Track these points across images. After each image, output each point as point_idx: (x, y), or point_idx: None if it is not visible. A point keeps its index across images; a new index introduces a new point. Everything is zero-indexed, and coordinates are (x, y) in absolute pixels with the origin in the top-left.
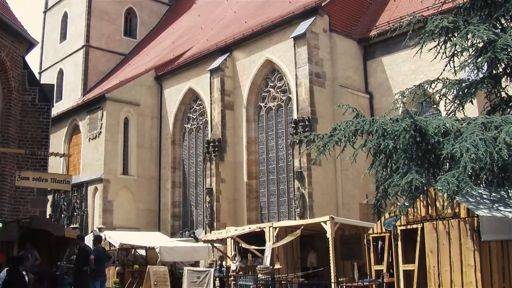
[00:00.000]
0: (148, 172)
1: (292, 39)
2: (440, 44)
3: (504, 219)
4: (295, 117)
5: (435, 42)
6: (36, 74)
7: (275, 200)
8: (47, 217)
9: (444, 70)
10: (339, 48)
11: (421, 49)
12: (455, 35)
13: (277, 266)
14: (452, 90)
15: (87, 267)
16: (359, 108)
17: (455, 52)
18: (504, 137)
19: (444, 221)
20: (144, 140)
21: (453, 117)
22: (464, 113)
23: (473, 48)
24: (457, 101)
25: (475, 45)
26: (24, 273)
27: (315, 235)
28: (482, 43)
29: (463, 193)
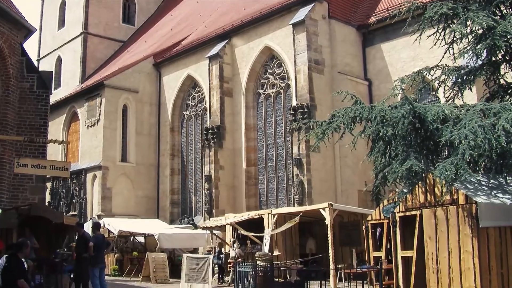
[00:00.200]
0: (147, 159)
1: (291, 25)
2: (439, 31)
3: (502, 206)
4: (294, 104)
5: (434, 29)
6: (34, 62)
7: (274, 187)
8: (46, 204)
9: (443, 57)
10: (338, 35)
11: (420, 35)
12: (454, 21)
13: (276, 252)
14: (451, 77)
15: (87, 254)
16: (358, 95)
17: (454, 39)
18: (503, 124)
19: (443, 207)
20: (142, 127)
21: (452, 104)
22: (463, 100)
23: (472, 35)
24: (456, 88)
25: (474, 32)
26: (23, 259)
27: (314, 221)
28: (482, 30)
29: (461, 180)
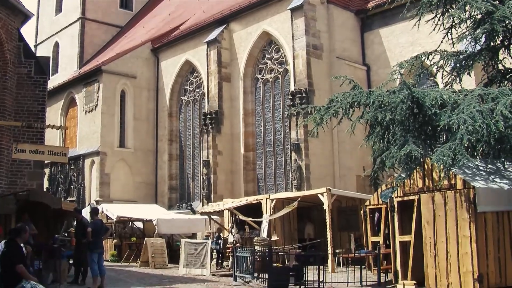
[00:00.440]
0: (145, 144)
1: (289, 10)
2: (438, 16)
3: (500, 191)
4: (292, 89)
5: (433, 14)
6: (32, 47)
7: (272, 172)
8: (44, 190)
9: (441, 42)
10: (336, 20)
11: (419, 21)
12: (453, 6)
13: (274, 238)
14: (449, 62)
15: (85, 239)
16: (356, 80)
17: (453, 24)
18: (501, 109)
19: (441, 192)
20: (140, 113)
21: (450, 89)
22: (461, 85)
23: (471, 20)
24: (454, 73)
25: (473, 17)
26: (22, 245)
27: (312, 207)
28: (480, 14)
29: (459, 165)
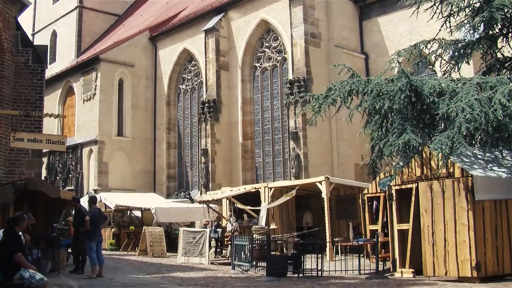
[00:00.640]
0: (143, 133)
1: None
2: (437, 4)
3: (498, 179)
4: (290, 77)
5: (431, 2)
6: (29, 36)
7: (271, 160)
8: (42, 179)
9: (440, 31)
10: (334, 8)
11: (418, 9)
12: None
13: (273, 226)
14: (448, 51)
15: (84, 228)
16: (354, 69)
17: (451, 12)
18: (499, 97)
19: (439, 180)
20: (138, 101)
21: (448, 77)
22: (459, 73)
23: (469, 8)
24: (452, 61)
25: (472, 5)
26: (21, 233)
27: (311, 195)
28: (479, 3)
29: (457, 153)
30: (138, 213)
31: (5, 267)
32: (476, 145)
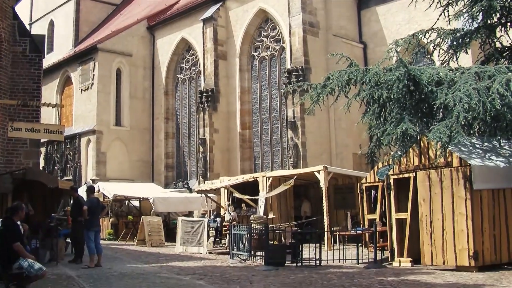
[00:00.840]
0: (141, 123)
1: None
2: None
3: (496, 169)
4: (288, 66)
5: None
6: (27, 26)
7: (269, 150)
8: (41, 169)
9: (438, 20)
10: None
11: None
12: None
13: (271, 215)
14: (446, 40)
15: (82, 218)
16: (353, 58)
17: (450, 1)
18: (497, 87)
19: (437, 170)
20: (136, 91)
21: (447, 67)
22: (458, 63)
23: None
24: (451, 51)
25: None
26: (19, 223)
27: (309, 184)
28: None
29: (455, 143)
30: (136, 203)
31: (3, 256)
32: (474, 135)
